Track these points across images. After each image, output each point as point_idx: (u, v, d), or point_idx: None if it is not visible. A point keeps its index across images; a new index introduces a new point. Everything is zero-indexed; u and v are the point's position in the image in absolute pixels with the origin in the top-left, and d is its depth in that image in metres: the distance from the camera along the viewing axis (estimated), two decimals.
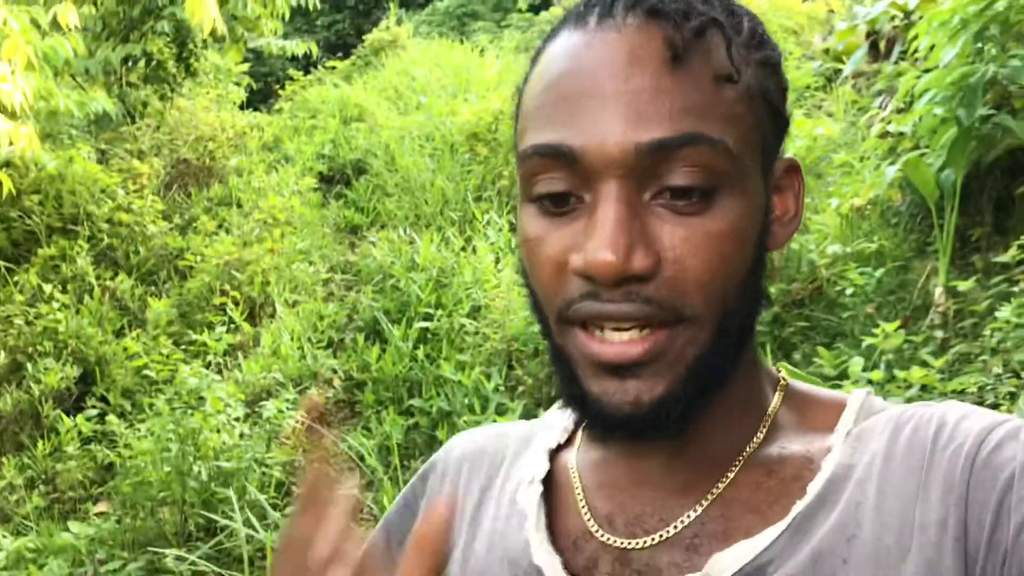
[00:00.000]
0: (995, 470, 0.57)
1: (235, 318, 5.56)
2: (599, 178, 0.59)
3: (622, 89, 0.59)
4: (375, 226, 6.86)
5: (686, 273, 0.59)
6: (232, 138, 7.59)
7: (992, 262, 3.92)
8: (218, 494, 4.11)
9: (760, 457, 0.66)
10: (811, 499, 0.62)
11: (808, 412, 0.69)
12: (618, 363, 0.59)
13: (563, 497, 0.72)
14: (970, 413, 0.62)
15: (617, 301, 0.59)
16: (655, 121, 0.58)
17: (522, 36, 11.87)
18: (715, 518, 0.64)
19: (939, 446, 0.60)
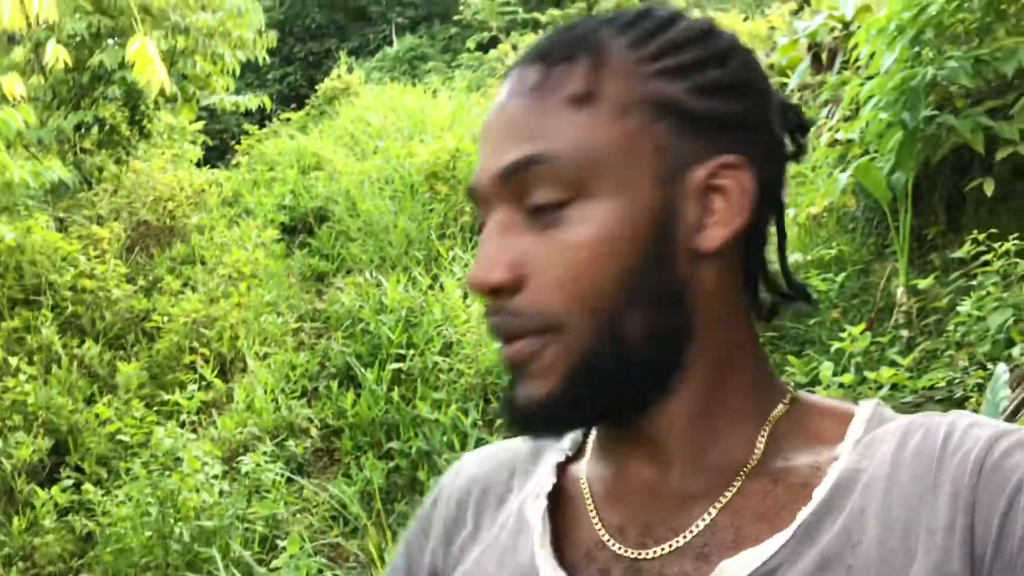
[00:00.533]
0: (1004, 475, 0.57)
1: (206, 375, 5.51)
2: (489, 203, 0.67)
3: (493, 125, 0.67)
4: (341, 272, 6.85)
5: (547, 284, 0.64)
6: (191, 196, 7.57)
7: (949, 258, 4.00)
8: (202, 554, 4.05)
9: (767, 466, 0.67)
10: (816, 504, 0.62)
11: (816, 422, 0.69)
12: (509, 365, 0.66)
13: (572, 509, 0.72)
14: (980, 421, 0.63)
15: (492, 315, 0.66)
16: (508, 148, 0.65)
17: (473, 75, 11.98)
18: (725, 527, 0.65)
19: (948, 451, 0.60)
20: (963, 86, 3.97)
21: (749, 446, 0.67)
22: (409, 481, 4.61)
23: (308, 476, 4.87)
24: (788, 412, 0.69)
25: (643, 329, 0.64)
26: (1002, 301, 3.18)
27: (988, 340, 3.20)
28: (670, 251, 0.65)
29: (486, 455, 0.84)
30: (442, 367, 5.09)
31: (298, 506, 4.48)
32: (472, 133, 7.41)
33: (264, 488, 4.48)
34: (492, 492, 0.79)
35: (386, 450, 4.81)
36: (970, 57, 3.83)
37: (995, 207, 4.19)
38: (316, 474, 4.93)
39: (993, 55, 3.85)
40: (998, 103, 3.99)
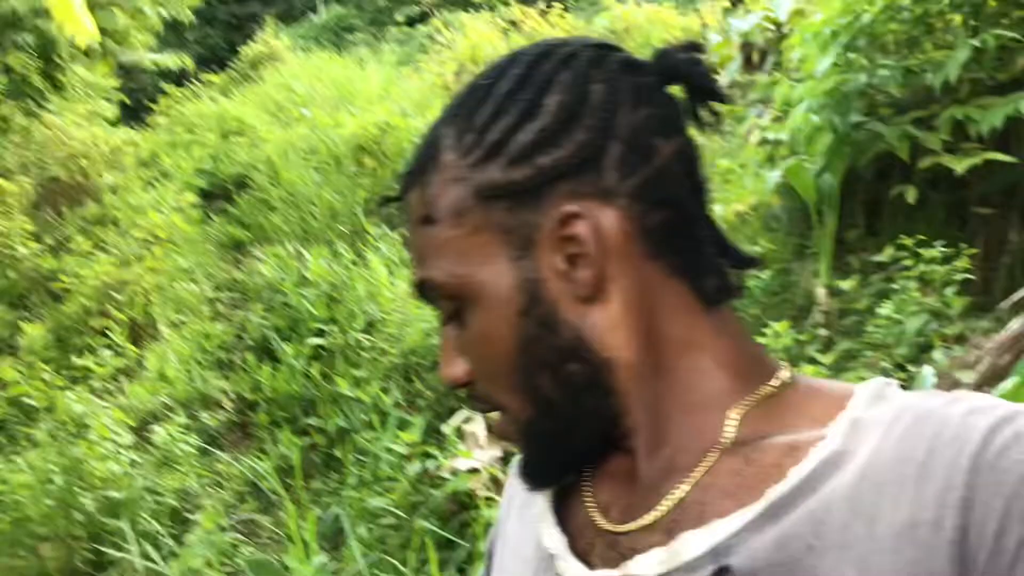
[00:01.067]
0: (1001, 474, 0.55)
1: (118, 341, 5.33)
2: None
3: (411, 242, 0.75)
4: (261, 242, 6.69)
5: (477, 372, 0.73)
6: (106, 155, 7.30)
7: (869, 261, 4.11)
8: (107, 526, 3.93)
9: (740, 447, 0.67)
10: (791, 484, 0.62)
11: (807, 403, 0.68)
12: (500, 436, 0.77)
13: (573, 490, 0.79)
14: (979, 407, 0.60)
15: (472, 399, 0.75)
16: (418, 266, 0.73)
17: (402, 49, 11.83)
18: (692, 503, 0.67)
19: (940, 442, 0.58)
20: (890, 95, 4.09)
21: (717, 427, 0.68)
22: (325, 458, 4.54)
23: (221, 449, 4.76)
24: (775, 393, 0.69)
25: (558, 388, 0.70)
26: (921, 305, 3.28)
27: (905, 343, 3.31)
28: (549, 313, 0.68)
29: None
30: (364, 345, 5.03)
31: (210, 480, 4.38)
32: (402, 107, 7.31)
33: (175, 460, 4.36)
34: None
35: (303, 426, 4.73)
36: (900, 67, 3.93)
37: (912, 214, 4.32)
38: (230, 448, 4.82)
39: (922, 66, 3.97)
40: (922, 114, 4.12)
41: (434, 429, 4.26)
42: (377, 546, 3.49)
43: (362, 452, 4.33)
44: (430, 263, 0.70)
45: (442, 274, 0.70)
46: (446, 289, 0.70)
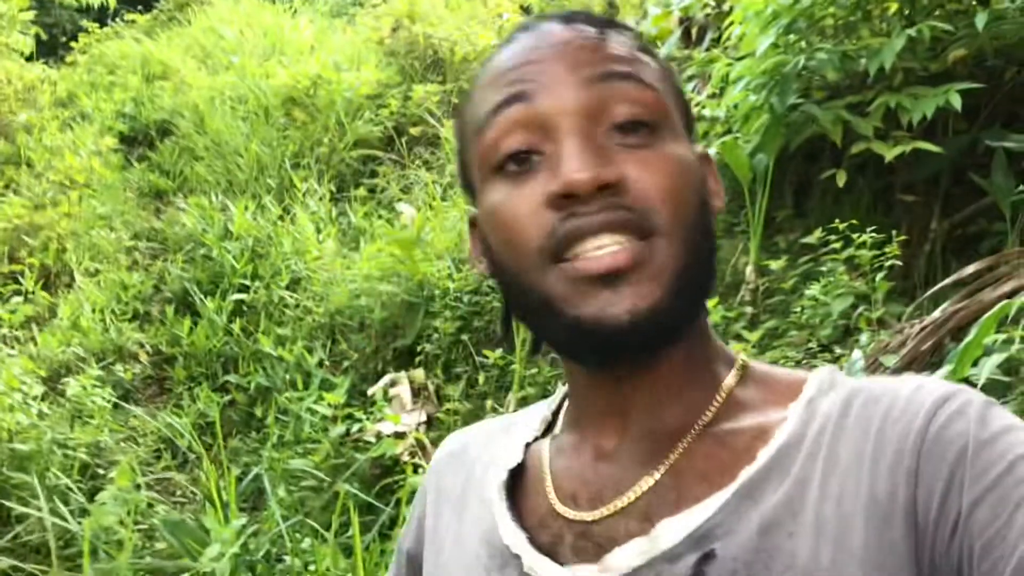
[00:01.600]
0: (945, 444, 0.59)
1: (29, 287, 5.13)
2: (555, 123, 0.66)
3: (562, 51, 0.68)
4: (183, 191, 6.49)
5: (650, 189, 0.65)
6: (19, 92, 6.97)
7: (797, 242, 4.18)
8: (13, 479, 3.79)
9: (714, 430, 0.69)
10: (760, 465, 0.64)
11: (768, 390, 0.71)
12: (609, 271, 0.63)
13: (532, 481, 0.76)
14: (923, 385, 0.64)
15: (596, 212, 0.64)
16: (593, 64, 0.68)
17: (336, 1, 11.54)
18: (668, 488, 0.67)
19: (890, 419, 0.62)
20: (824, 78, 4.14)
21: (701, 409, 0.70)
22: (245, 416, 4.46)
23: (136, 404, 4.63)
24: (740, 379, 0.72)
25: (708, 254, 0.69)
26: (848, 288, 3.35)
27: (829, 324, 3.38)
28: (707, 198, 0.71)
29: (468, 431, 0.89)
30: (289, 302, 4.93)
31: (124, 435, 4.26)
32: (335, 61, 7.13)
33: (88, 413, 4.23)
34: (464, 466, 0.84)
35: (222, 383, 4.63)
36: (838, 52, 3.98)
37: (839, 198, 4.41)
38: (145, 402, 4.70)
39: (858, 52, 4.02)
40: (856, 99, 4.18)
41: (359, 392, 4.22)
42: (298, 508, 3.45)
43: (284, 412, 4.27)
44: (643, 73, 0.69)
45: (659, 91, 0.69)
46: (655, 103, 0.68)
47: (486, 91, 0.71)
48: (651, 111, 0.67)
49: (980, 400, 0.61)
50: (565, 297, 0.65)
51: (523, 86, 0.68)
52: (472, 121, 0.72)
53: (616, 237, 0.64)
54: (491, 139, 0.69)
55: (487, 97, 0.70)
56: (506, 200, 0.67)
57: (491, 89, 0.70)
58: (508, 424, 0.85)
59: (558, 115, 0.66)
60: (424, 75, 6.93)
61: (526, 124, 0.67)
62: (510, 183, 0.68)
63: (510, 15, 7.02)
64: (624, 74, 0.68)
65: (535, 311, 0.68)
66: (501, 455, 0.80)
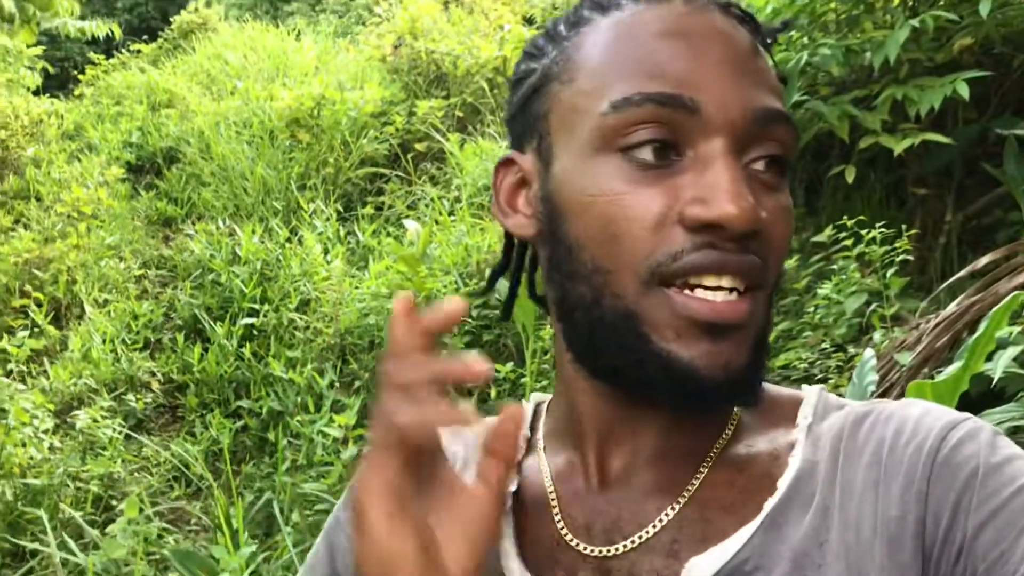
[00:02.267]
0: (954, 468, 0.58)
1: (38, 321, 5.12)
2: (711, 134, 0.60)
3: (736, 61, 0.62)
4: (191, 218, 6.49)
5: (775, 241, 0.61)
6: (27, 126, 7.00)
7: (809, 241, 4.11)
8: (27, 514, 3.77)
9: (729, 455, 0.66)
10: (782, 494, 0.62)
11: (768, 409, 0.68)
12: (718, 322, 0.59)
13: (531, 508, 0.69)
14: (931, 410, 0.62)
15: (735, 252, 0.59)
16: (764, 91, 0.62)
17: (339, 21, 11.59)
18: (692, 520, 0.63)
19: (900, 443, 0.60)
20: (829, 74, 4.08)
21: (717, 434, 0.67)
22: (258, 441, 4.43)
23: (148, 433, 4.61)
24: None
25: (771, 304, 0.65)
26: (860, 286, 3.28)
27: (844, 323, 3.31)
28: None
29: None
30: (298, 324, 4.90)
31: (137, 465, 4.23)
32: (339, 80, 7.13)
33: (100, 445, 4.20)
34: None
35: (234, 408, 4.60)
36: (841, 46, 3.92)
37: (850, 194, 4.34)
38: (157, 431, 4.67)
39: (862, 46, 3.96)
40: (862, 93, 4.12)
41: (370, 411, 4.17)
42: (311, 533, 3.40)
43: (296, 436, 4.23)
44: (783, 103, 0.64)
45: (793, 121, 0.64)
46: (793, 142, 0.63)
47: (633, 62, 0.62)
48: (789, 158, 0.63)
49: (988, 428, 0.61)
50: (660, 328, 0.59)
51: (687, 90, 0.60)
52: (597, 78, 0.63)
53: (737, 281, 0.59)
54: (627, 121, 0.60)
55: (635, 74, 0.61)
56: (628, 193, 0.60)
57: (643, 67, 0.61)
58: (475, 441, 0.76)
59: (720, 124, 0.60)
60: (428, 90, 6.92)
61: (679, 126, 0.60)
62: (638, 172, 0.60)
63: (511, 26, 6.99)
64: (781, 114, 0.62)
65: (605, 320, 0.61)
66: None
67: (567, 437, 0.70)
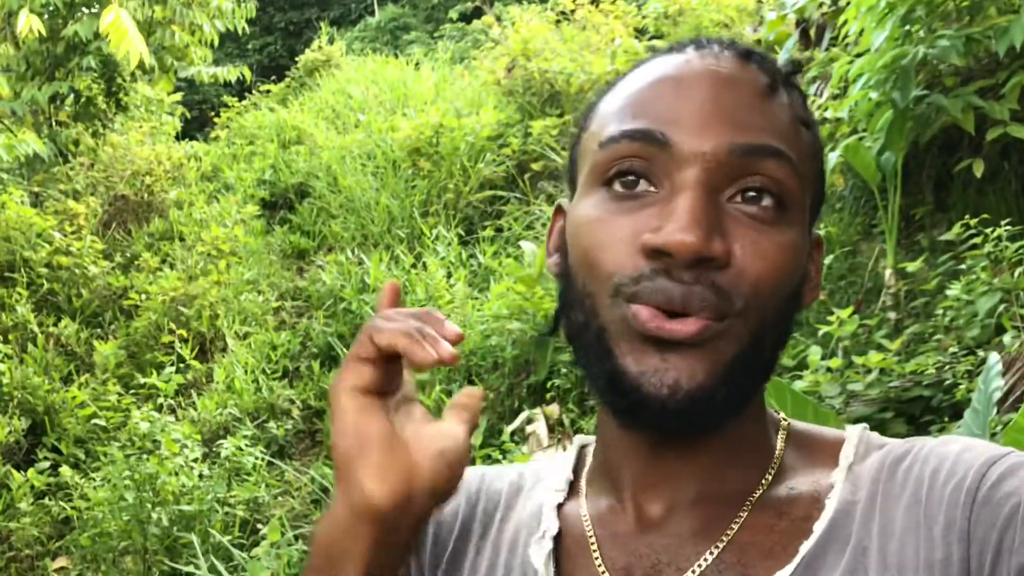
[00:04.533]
0: (996, 506, 0.57)
1: (184, 355, 5.43)
2: (682, 167, 0.62)
3: (721, 99, 0.64)
4: (322, 249, 6.76)
5: (748, 273, 0.62)
6: (169, 170, 7.44)
7: (938, 240, 3.96)
8: (181, 539, 4.00)
9: (770, 499, 0.66)
10: (817, 538, 0.62)
11: (810, 451, 0.69)
12: (667, 338, 0.60)
13: (573, 551, 0.70)
14: (971, 446, 0.62)
15: (688, 283, 0.60)
16: (748, 129, 0.63)
17: (456, 46, 11.83)
18: (731, 565, 0.63)
19: (939, 481, 0.60)
20: (953, 65, 3.92)
21: (757, 479, 0.67)
22: None
23: (290, 458, 4.82)
24: (787, 444, 0.70)
25: (776, 344, 0.65)
26: (991, 285, 3.14)
27: (976, 325, 3.17)
28: (800, 290, 0.68)
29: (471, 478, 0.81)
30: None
31: (280, 489, 4.43)
32: (455, 107, 7.30)
33: (245, 471, 4.42)
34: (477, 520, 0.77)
35: None
36: (961, 35, 3.77)
37: (983, 188, 4.15)
38: (298, 456, 4.88)
39: (985, 33, 3.79)
40: (988, 82, 3.94)
41: (498, 430, 4.25)
42: None
43: None
44: (795, 152, 0.65)
45: (801, 173, 0.65)
46: (795, 186, 0.64)
47: (623, 106, 0.67)
48: (787, 193, 0.64)
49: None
50: (621, 341, 0.62)
51: (665, 127, 0.63)
52: (598, 127, 0.68)
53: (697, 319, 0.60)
54: (608, 157, 0.65)
55: (622, 115, 0.66)
56: (604, 220, 0.64)
57: (629, 109, 0.66)
58: (520, 481, 0.79)
59: (691, 157, 0.62)
60: (542, 110, 6.99)
61: (654, 154, 0.63)
62: (614, 203, 0.64)
63: (622, 40, 7.00)
64: (777, 152, 0.63)
65: (588, 339, 0.65)
66: (529, 518, 0.74)
67: (606, 480, 0.71)
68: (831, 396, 3.21)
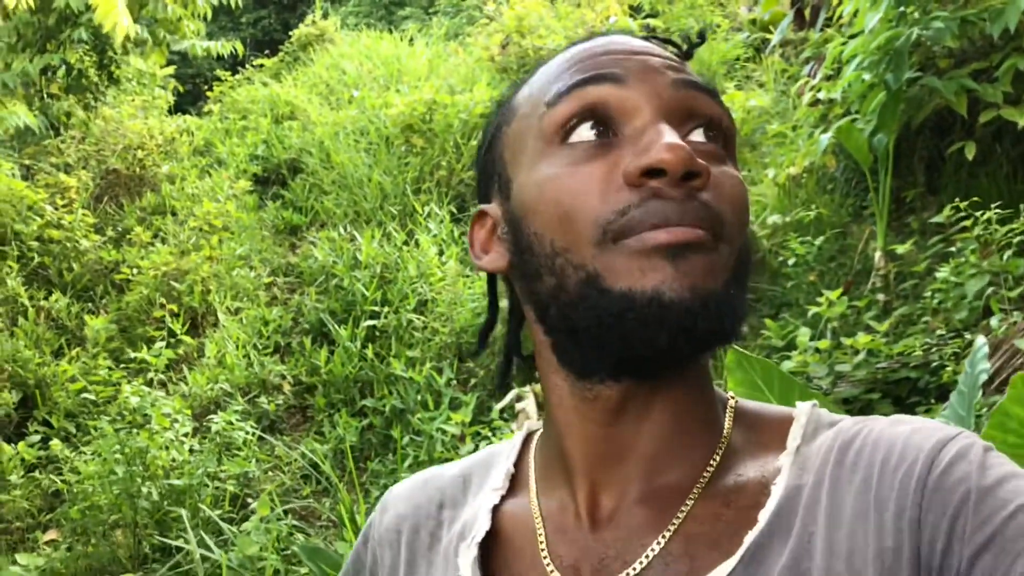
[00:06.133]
0: (946, 493, 0.56)
1: (175, 330, 5.43)
2: (641, 107, 0.63)
3: (653, 53, 0.67)
4: (315, 225, 6.75)
5: (724, 192, 0.62)
6: (162, 145, 7.41)
7: (928, 222, 3.97)
8: (172, 513, 4.02)
9: (717, 486, 0.65)
10: (762, 527, 0.61)
11: (758, 431, 0.68)
12: (675, 242, 0.59)
13: (512, 552, 0.69)
14: (920, 428, 0.61)
15: (680, 200, 0.60)
16: (681, 71, 0.66)
17: (451, 22, 11.75)
18: (678, 556, 0.62)
19: (890, 467, 0.59)
20: (947, 47, 3.92)
21: (704, 464, 0.65)
22: (383, 439, 4.58)
23: (281, 433, 4.83)
24: (735, 424, 0.68)
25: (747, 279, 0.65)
26: (980, 268, 3.16)
27: (965, 307, 3.19)
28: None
29: (412, 488, 0.80)
30: (416, 325, 5.04)
31: (270, 464, 4.44)
32: (449, 84, 7.26)
33: (235, 446, 4.44)
34: (423, 529, 0.76)
35: (360, 408, 4.77)
36: (956, 17, 3.76)
37: (975, 170, 4.16)
38: (289, 431, 4.89)
39: (979, 15, 3.79)
40: (982, 65, 3.94)
41: (488, 408, 4.26)
42: None
43: (417, 433, 4.35)
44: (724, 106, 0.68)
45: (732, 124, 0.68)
46: (728, 118, 0.67)
47: (561, 71, 0.67)
48: (728, 133, 0.66)
49: (980, 445, 0.59)
50: (618, 271, 0.59)
51: (613, 69, 0.64)
52: (533, 98, 0.68)
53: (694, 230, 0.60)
54: (564, 111, 0.64)
55: (563, 76, 0.66)
56: (569, 173, 0.62)
57: (571, 70, 0.66)
58: (466, 476, 0.78)
59: (649, 100, 0.63)
60: None
61: (611, 103, 0.63)
62: (576, 155, 0.63)
63: (617, 18, 6.97)
64: (708, 88, 0.66)
65: (571, 295, 0.61)
66: (464, 517, 0.74)
67: (557, 470, 0.70)
68: (819, 377, 3.23)
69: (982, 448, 0.58)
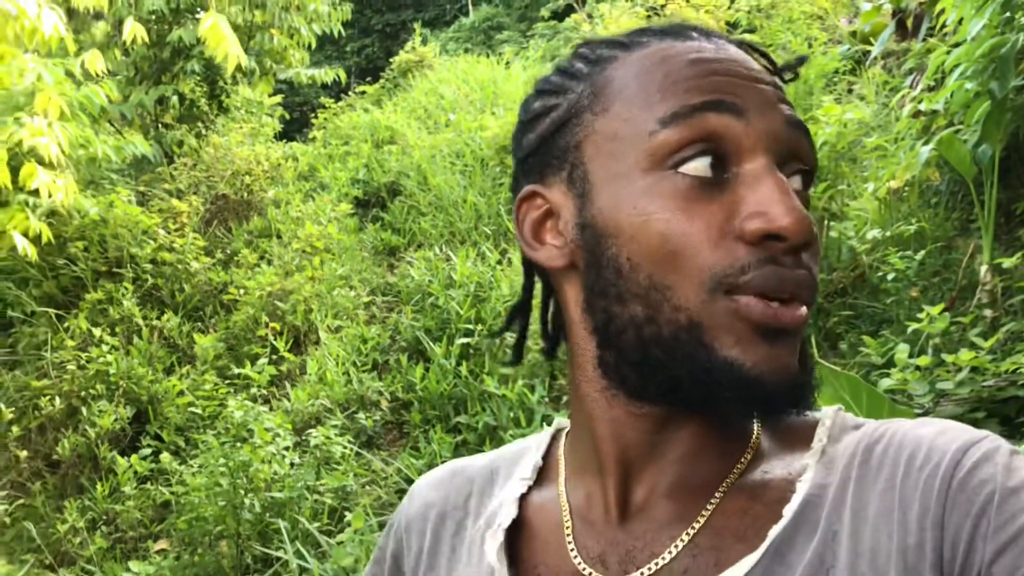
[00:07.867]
0: (970, 493, 0.57)
1: (279, 348, 5.61)
2: (755, 145, 0.62)
3: (762, 78, 0.65)
4: (412, 246, 6.88)
5: (816, 258, 0.63)
6: (268, 170, 7.68)
7: None
8: (272, 525, 4.14)
9: (745, 482, 0.66)
10: (787, 522, 0.62)
11: (785, 434, 0.69)
12: (777, 327, 0.60)
13: (540, 541, 0.71)
14: (946, 429, 0.61)
15: (795, 268, 0.61)
16: (787, 106, 0.65)
17: (547, 44, 11.85)
18: (706, 549, 0.63)
19: (915, 467, 0.60)
20: None
21: (733, 461, 0.67)
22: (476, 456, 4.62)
23: (378, 449, 4.93)
24: (764, 426, 0.69)
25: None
26: None
27: None
28: None
29: (440, 478, 0.82)
30: (509, 343, 5.07)
31: (367, 478, 4.54)
32: None
33: (334, 460, 4.55)
34: (449, 518, 0.78)
35: (454, 424, 4.83)
36: None
37: None
38: (386, 447, 4.98)
39: None
40: None
41: None
42: None
43: None
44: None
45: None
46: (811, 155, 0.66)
47: (675, 81, 0.63)
48: (814, 167, 0.66)
49: (1006, 447, 0.59)
50: (722, 334, 0.59)
51: (734, 97, 0.62)
52: (636, 102, 0.64)
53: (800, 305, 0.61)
54: (681, 137, 0.62)
55: (678, 91, 0.63)
56: (682, 210, 0.61)
57: (687, 85, 0.63)
58: (490, 465, 0.79)
59: (766, 142, 0.62)
60: None
61: (730, 137, 0.61)
62: (688, 191, 0.61)
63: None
64: (807, 130, 0.65)
65: (661, 333, 0.61)
66: (491, 507, 0.75)
67: (588, 471, 0.70)
68: (919, 395, 3.13)
69: (1008, 451, 0.59)
